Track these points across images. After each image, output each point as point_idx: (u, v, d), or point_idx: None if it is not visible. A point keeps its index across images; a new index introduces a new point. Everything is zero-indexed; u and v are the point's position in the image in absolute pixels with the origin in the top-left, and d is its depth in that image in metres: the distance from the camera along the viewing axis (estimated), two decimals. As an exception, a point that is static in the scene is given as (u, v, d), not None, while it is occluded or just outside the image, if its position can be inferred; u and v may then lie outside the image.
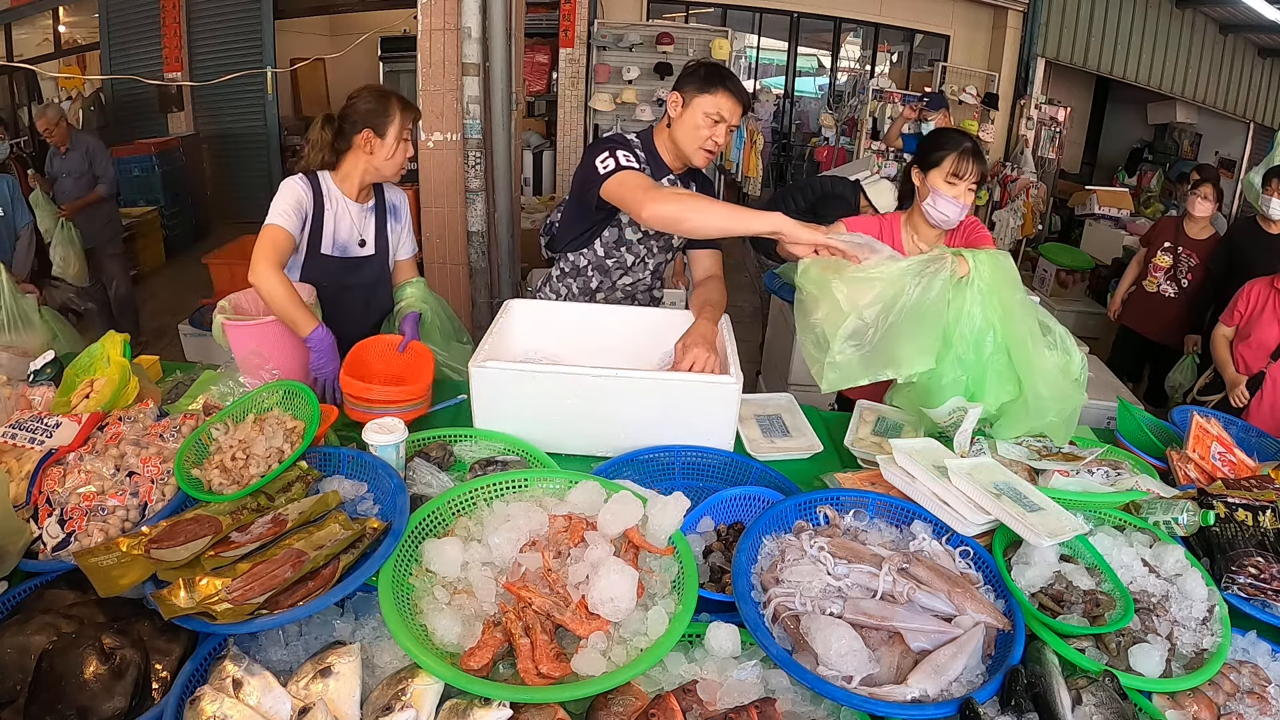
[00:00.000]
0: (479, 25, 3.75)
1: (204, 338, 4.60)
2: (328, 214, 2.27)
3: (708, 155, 2.21)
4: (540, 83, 8.39)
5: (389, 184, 2.43)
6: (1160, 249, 4.56)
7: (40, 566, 1.36)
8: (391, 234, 2.45)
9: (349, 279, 2.34)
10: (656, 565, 1.40)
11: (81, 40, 8.74)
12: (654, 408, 1.81)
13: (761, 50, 10.29)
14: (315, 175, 2.26)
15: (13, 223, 3.74)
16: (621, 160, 2.09)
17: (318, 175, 2.27)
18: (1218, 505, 1.66)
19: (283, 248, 2.11)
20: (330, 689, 1.13)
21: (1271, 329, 3.16)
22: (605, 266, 2.37)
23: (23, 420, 1.67)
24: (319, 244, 2.27)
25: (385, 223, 2.42)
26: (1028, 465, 1.78)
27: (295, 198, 2.18)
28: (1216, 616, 1.40)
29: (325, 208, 2.26)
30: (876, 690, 1.18)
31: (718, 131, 2.16)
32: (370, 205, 2.38)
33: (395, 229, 2.46)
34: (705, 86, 2.13)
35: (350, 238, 2.33)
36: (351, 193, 2.31)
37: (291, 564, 1.25)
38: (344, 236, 2.32)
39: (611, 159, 2.09)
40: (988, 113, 8.50)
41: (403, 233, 2.49)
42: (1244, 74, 8.39)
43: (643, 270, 2.41)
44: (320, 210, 2.25)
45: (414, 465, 1.69)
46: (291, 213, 2.16)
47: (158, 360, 2.24)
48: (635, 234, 2.33)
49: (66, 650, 1.14)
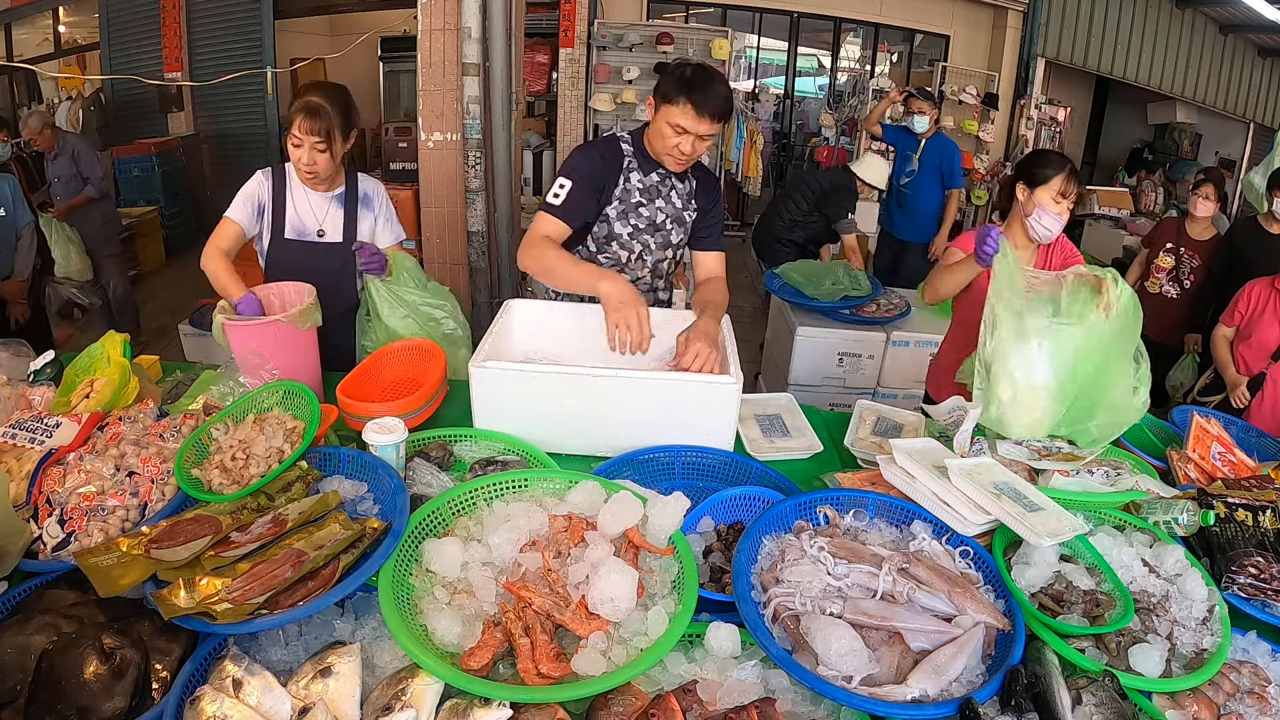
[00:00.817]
0: (479, 25, 3.75)
1: (204, 338, 4.60)
2: (288, 201, 2.42)
3: (676, 163, 2.20)
4: (540, 83, 8.38)
5: (363, 174, 2.55)
6: (1162, 250, 4.55)
7: (40, 566, 1.36)
8: (363, 222, 2.51)
9: (312, 264, 2.42)
10: (656, 565, 1.40)
11: (81, 40, 8.73)
12: (654, 408, 1.81)
13: (761, 50, 10.27)
14: (282, 165, 2.43)
15: (14, 223, 3.74)
16: (552, 194, 2.21)
17: (284, 165, 2.43)
18: (1218, 505, 1.66)
19: (228, 236, 2.32)
20: (330, 689, 1.13)
21: (1272, 330, 3.15)
22: (599, 263, 2.36)
23: (23, 420, 1.67)
24: (282, 229, 2.42)
25: (355, 211, 2.49)
26: (1027, 465, 1.78)
27: (248, 191, 2.38)
28: (1216, 616, 1.40)
29: (285, 195, 2.41)
30: (876, 690, 1.18)
31: (683, 142, 2.12)
32: (336, 194, 2.48)
33: (367, 217, 2.52)
34: (671, 96, 2.09)
35: (309, 224, 2.45)
36: (316, 184, 2.44)
37: (291, 564, 1.25)
38: (303, 222, 2.44)
39: (555, 188, 2.22)
40: (988, 113, 8.50)
41: (377, 221, 2.54)
42: (1244, 74, 8.40)
43: (641, 268, 2.41)
44: (281, 198, 2.41)
45: (414, 465, 1.69)
46: (241, 205, 2.37)
47: (158, 360, 2.24)
48: (624, 228, 2.33)
49: (66, 650, 1.14)
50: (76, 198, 4.93)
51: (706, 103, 2.06)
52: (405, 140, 6.13)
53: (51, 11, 8.51)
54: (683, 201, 2.35)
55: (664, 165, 2.24)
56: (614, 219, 2.31)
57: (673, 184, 2.33)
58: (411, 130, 5.50)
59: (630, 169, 2.29)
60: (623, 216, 2.31)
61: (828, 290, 4.05)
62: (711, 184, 2.42)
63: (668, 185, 2.32)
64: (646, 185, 2.30)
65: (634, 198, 2.29)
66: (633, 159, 2.28)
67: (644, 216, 2.32)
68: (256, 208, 2.39)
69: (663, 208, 2.33)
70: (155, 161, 7.41)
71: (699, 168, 2.39)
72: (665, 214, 2.34)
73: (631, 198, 2.29)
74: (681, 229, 2.38)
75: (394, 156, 6.23)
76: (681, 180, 2.34)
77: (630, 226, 2.33)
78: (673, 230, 2.37)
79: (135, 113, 8.10)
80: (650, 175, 2.29)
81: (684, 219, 2.37)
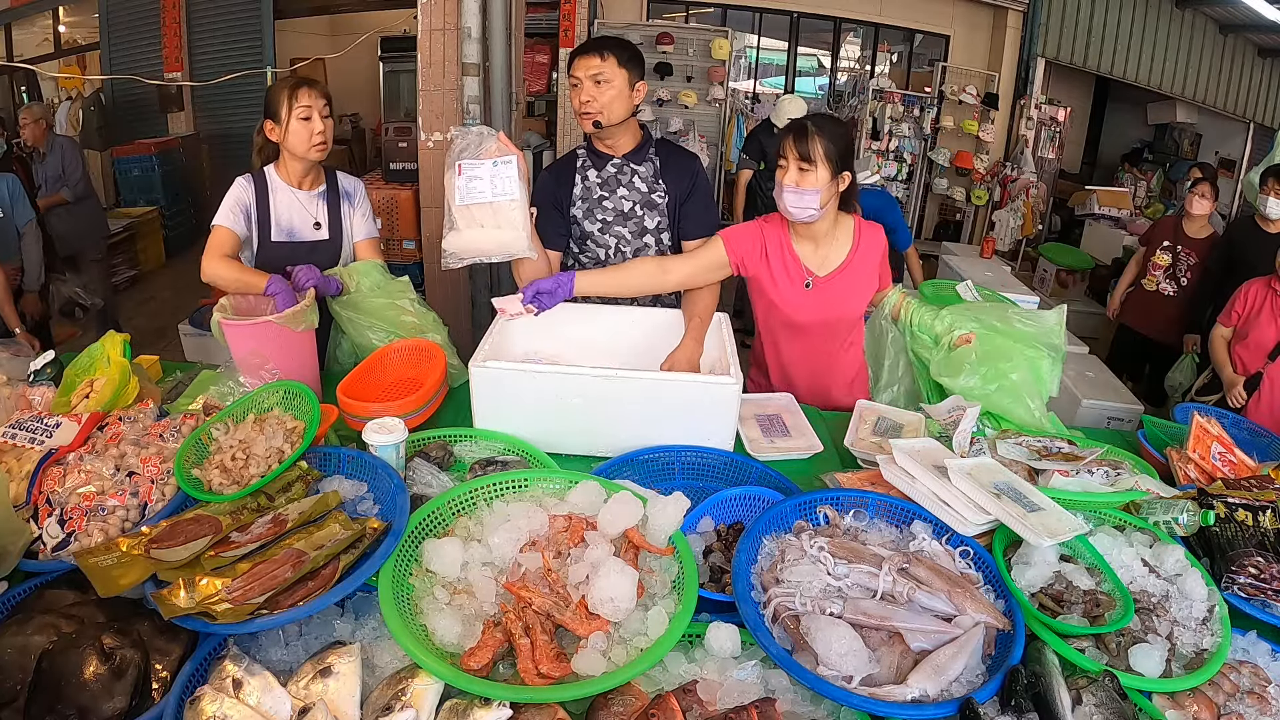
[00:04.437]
0: (479, 25, 3.74)
1: (204, 338, 4.59)
2: (272, 203, 2.42)
3: (582, 119, 2.29)
4: (540, 83, 8.37)
5: (343, 172, 2.56)
6: (1159, 248, 4.56)
7: (40, 566, 1.36)
8: (345, 218, 2.53)
9: (301, 263, 2.37)
10: (656, 565, 1.40)
11: (81, 40, 8.74)
12: (654, 408, 1.81)
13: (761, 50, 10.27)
14: (261, 171, 2.44)
15: (14, 221, 3.74)
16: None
17: (264, 170, 2.44)
18: (1218, 505, 1.65)
19: (225, 243, 2.32)
20: (330, 689, 1.13)
21: (1269, 329, 3.15)
22: (582, 263, 2.43)
23: (23, 420, 1.67)
24: (268, 233, 2.42)
25: (339, 207, 2.51)
26: (1027, 465, 1.78)
27: (233, 197, 2.38)
28: (1216, 616, 1.40)
29: (269, 198, 2.42)
30: (876, 690, 1.18)
31: (580, 93, 2.24)
32: (319, 191, 2.50)
33: (349, 213, 2.54)
34: (568, 66, 2.28)
35: (302, 222, 2.46)
36: (292, 180, 2.44)
37: (291, 564, 1.25)
38: (293, 222, 2.45)
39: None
40: (988, 113, 8.50)
41: (355, 216, 2.55)
42: (1244, 74, 8.39)
43: (622, 261, 2.41)
44: (265, 202, 2.41)
45: (414, 465, 1.69)
46: (229, 210, 2.36)
47: (158, 360, 2.24)
48: (593, 225, 2.39)
49: (66, 650, 1.15)
50: (51, 196, 4.86)
51: (581, 46, 2.25)
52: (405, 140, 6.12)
53: (51, 11, 8.52)
54: (648, 185, 2.37)
55: (586, 134, 2.33)
56: (581, 219, 2.39)
57: (633, 169, 2.37)
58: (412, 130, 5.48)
59: (585, 169, 2.38)
60: (589, 214, 2.38)
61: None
62: (684, 165, 2.40)
63: (627, 173, 2.37)
64: (605, 178, 2.37)
65: (595, 193, 2.37)
66: (586, 158, 2.39)
67: (609, 209, 2.37)
68: (245, 213, 2.39)
69: (626, 195, 2.37)
70: (155, 161, 7.42)
71: (663, 147, 2.41)
72: (631, 200, 2.37)
73: (592, 194, 2.37)
74: (654, 212, 2.39)
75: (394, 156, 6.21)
76: (641, 163, 2.37)
77: (599, 222, 2.38)
78: (645, 215, 2.38)
79: (135, 113, 8.11)
80: (606, 168, 2.36)
81: (653, 201, 2.38)
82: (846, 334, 2.33)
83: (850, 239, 2.24)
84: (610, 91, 2.21)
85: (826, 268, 2.23)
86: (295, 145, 2.35)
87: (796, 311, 2.24)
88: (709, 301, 2.25)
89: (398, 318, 2.31)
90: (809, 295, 2.23)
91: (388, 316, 2.31)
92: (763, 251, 2.23)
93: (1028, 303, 4.24)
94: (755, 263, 2.24)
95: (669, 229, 2.41)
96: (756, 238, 2.24)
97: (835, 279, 2.23)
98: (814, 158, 2.01)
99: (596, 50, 2.20)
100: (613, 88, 2.21)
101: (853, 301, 2.26)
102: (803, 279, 2.22)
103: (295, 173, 2.43)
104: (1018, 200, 7.89)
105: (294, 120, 2.31)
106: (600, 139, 2.34)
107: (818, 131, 2.02)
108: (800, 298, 2.23)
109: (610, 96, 2.22)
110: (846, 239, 2.24)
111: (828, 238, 2.22)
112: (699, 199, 2.41)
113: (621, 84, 2.22)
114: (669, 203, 2.38)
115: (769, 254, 2.23)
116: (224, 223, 2.35)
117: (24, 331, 3.45)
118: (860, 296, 2.27)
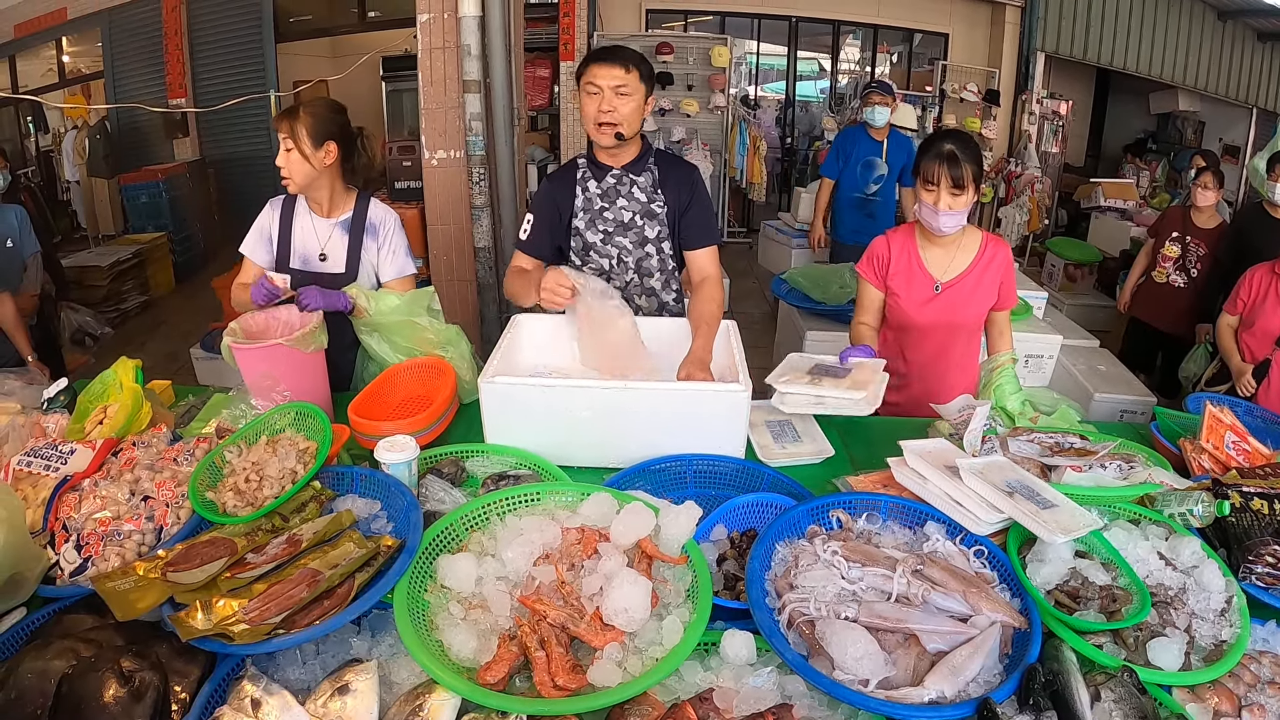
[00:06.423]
0: (478, 42, 3.77)
1: (216, 361, 4.63)
2: (295, 229, 2.41)
3: (601, 129, 2.25)
4: (542, 97, 8.42)
5: (376, 201, 2.47)
6: (1168, 239, 4.54)
7: (58, 592, 1.38)
8: (365, 252, 2.41)
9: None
10: (670, 575, 1.40)
11: (85, 70, 8.84)
12: (664, 418, 1.81)
13: (761, 56, 10.30)
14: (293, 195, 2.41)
15: (21, 252, 3.78)
16: (522, 231, 2.44)
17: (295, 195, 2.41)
18: (1233, 495, 1.64)
19: (246, 272, 2.39)
20: (348, 706, 1.13)
21: (1275, 315, 3.11)
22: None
23: (37, 448, 1.68)
24: (288, 258, 2.40)
25: (359, 240, 2.41)
26: (1040, 462, 1.78)
27: (258, 223, 2.43)
28: (1235, 607, 1.39)
29: (293, 223, 2.41)
30: (893, 693, 1.18)
31: (601, 101, 2.22)
32: (341, 220, 2.41)
33: (370, 247, 2.42)
34: (580, 71, 2.27)
35: (311, 250, 2.42)
36: (312, 205, 2.41)
37: (307, 583, 1.26)
38: (306, 250, 2.42)
39: (525, 224, 2.44)
40: (990, 109, 8.50)
41: (383, 252, 2.43)
42: (1244, 59, 8.35)
43: (625, 272, 2.43)
44: (288, 226, 2.41)
45: (426, 482, 1.70)
46: (252, 238, 2.41)
47: (170, 385, 2.26)
48: (595, 235, 2.40)
49: (86, 674, 1.15)
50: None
51: (604, 53, 2.24)
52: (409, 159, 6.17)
53: (55, 42, 8.61)
54: (647, 195, 2.38)
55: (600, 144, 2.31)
56: (584, 229, 2.40)
57: (632, 180, 2.37)
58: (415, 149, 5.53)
59: (585, 180, 2.39)
60: (591, 225, 2.39)
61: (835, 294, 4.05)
62: (682, 175, 2.41)
63: (626, 183, 2.37)
64: (605, 189, 2.38)
65: (596, 204, 2.38)
66: (586, 169, 2.39)
67: (609, 219, 2.38)
68: (266, 239, 2.40)
69: (626, 205, 2.37)
70: (163, 187, 7.48)
71: (661, 158, 2.42)
72: (631, 210, 2.38)
73: (594, 205, 2.38)
74: (654, 221, 2.39)
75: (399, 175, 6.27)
76: (640, 174, 2.37)
77: (601, 232, 2.39)
78: (645, 225, 2.39)
79: (141, 140, 8.19)
80: (606, 179, 2.37)
81: (653, 211, 2.39)
82: (967, 340, 2.49)
83: (976, 247, 2.40)
84: (631, 104, 2.22)
85: (951, 273, 2.39)
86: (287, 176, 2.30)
87: (920, 314, 2.41)
88: (715, 306, 2.25)
89: (419, 335, 2.29)
90: (935, 299, 2.39)
91: (408, 334, 2.30)
92: (888, 262, 2.43)
93: (1036, 299, 4.24)
94: (889, 277, 2.44)
95: (669, 238, 2.42)
96: (884, 256, 2.44)
97: (959, 284, 2.38)
98: (965, 183, 2.18)
99: (621, 62, 2.20)
100: (634, 100, 2.22)
101: (974, 307, 2.41)
102: (931, 284, 2.39)
103: (312, 198, 2.39)
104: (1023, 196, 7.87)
105: (281, 151, 2.28)
106: (610, 151, 2.34)
107: (966, 158, 2.18)
108: (927, 302, 2.40)
109: (631, 109, 2.23)
110: (972, 246, 2.40)
111: (953, 244, 2.39)
112: (699, 209, 2.41)
113: (640, 98, 2.24)
114: (668, 213, 2.39)
115: (895, 262, 2.43)
116: (245, 251, 2.41)
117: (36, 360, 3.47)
118: (981, 303, 2.41)
